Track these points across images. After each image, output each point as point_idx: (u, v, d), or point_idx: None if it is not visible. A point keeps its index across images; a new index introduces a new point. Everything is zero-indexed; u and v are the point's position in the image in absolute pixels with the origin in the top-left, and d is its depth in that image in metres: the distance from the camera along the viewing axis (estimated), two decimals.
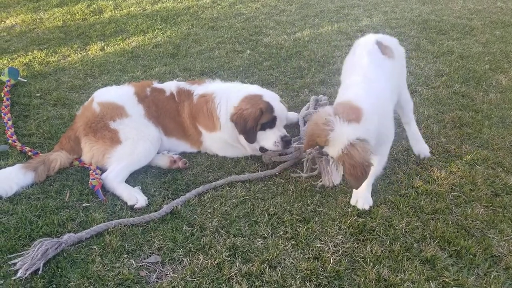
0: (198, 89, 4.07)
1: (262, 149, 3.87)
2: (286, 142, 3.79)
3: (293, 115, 4.47)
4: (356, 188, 3.19)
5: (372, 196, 3.36)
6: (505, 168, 3.79)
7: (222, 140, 3.99)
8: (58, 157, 3.72)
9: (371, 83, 3.22)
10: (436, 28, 7.03)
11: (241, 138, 3.90)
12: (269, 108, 3.78)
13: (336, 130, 2.91)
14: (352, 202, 3.35)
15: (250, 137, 3.81)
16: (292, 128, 4.36)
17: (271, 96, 3.92)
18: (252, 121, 3.74)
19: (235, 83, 4.25)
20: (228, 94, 3.95)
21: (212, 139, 4.02)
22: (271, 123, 3.80)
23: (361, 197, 3.33)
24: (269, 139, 3.81)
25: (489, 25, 7.17)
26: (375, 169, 3.26)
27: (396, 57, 3.57)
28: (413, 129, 3.89)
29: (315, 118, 3.08)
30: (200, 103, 3.98)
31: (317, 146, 3.14)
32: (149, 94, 4.06)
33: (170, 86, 4.15)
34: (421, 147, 3.88)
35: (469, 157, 3.90)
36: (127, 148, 3.71)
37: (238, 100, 3.87)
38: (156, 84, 4.19)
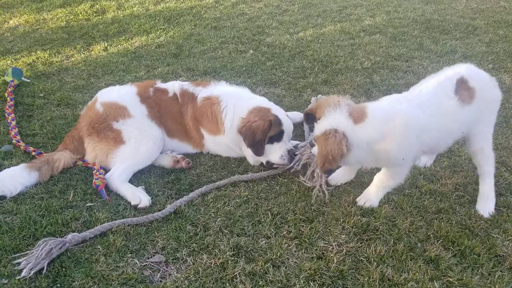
0: (203, 91, 4.04)
1: (268, 163, 3.83)
2: (292, 156, 3.75)
3: (297, 115, 4.47)
4: (320, 171, 3.30)
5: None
6: (509, 168, 3.78)
7: (224, 144, 3.98)
8: (62, 157, 3.73)
9: (400, 104, 3.10)
10: (439, 27, 7.02)
11: (245, 148, 3.87)
12: (278, 121, 3.76)
13: (334, 112, 3.01)
14: (358, 201, 3.38)
15: (258, 150, 3.76)
16: (296, 127, 4.36)
17: (278, 110, 3.92)
18: (260, 134, 3.70)
19: (242, 88, 4.18)
20: (236, 100, 3.92)
21: (215, 142, 4.01)
22: (278, 136, 3.77)
23: (365, 198, 3.34)
24: (276, 152, 3.77)
25: (492, 25, 7.15)
26: (386, 183, 3.30)
27: (476, 102, 3.11)
28: (486, 186, 3.34)
29: (331, 96, 3.22)
30: (204, 105, 3.96)
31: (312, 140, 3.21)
32: (152, 94, 4.05)
33: (174, 87, 4.12)
34: (485, 206, 3.31)
35: None
36: (131, 148, 3.72)
37: (246, 111, 3.83)
38: (159, 84, 4.18)
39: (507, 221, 3.20)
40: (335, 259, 2.85)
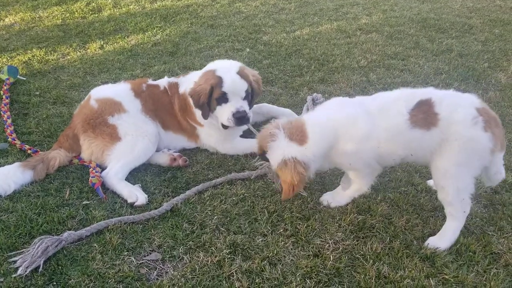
0: (181, 82, 4.11)
1: (224, 126, 3.89)
2: (237, 118, 3.76)
3: (288, 113, 4.44)
4: (283, 200, 3.28)
5: (371, 193, 3.35)
6: (504, 166, 3.78)
7: (211, 133, 4.03)
8: (57, 155, 3.72)
9: (341, 111, 3.06)
10: (435, 26, 7.03)
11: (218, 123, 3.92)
12: (219, 83, 3.75)
13: (275, 144, 3.01)
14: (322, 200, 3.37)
15: (204, 113, 3.84)
16: None
17: (226, 69, 3.86)
18: (204, 97, 3.75)
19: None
20: (192, 82, 3.94)
21: (205, 133, 4.06)
22: (222, 98, 3.78)
23: (330, 196, 3.37)
24: (223, 114, 3.82)
25: (488, 24, 7.17)
26: (352, 188, 3.28)
27: (436, 132, 2.81)
28: (446, 224, 3.02)
29: (265, 129, 3.15)
30: (184, 100, 4.04)
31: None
32: (145, 89, 4.10)
33: (163, 82, 4.21)
34: (435, 240, 3.00)
35: None
36: (127, 145, 3.72)
37: (198, 76, 3.91)
38: (151, 81, 4.25)
39: (503, 219, 3.22)
40: (331, 256, 2.86)
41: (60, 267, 2.79)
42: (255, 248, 2.94)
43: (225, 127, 3.89)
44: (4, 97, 4.72)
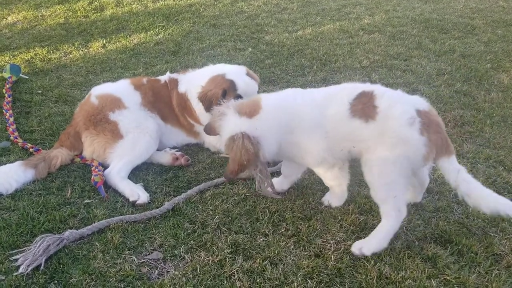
0: (181, 79, 4.12)
1: None
2: None
3: None
4: (226, 179, 3.19)
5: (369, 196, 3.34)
6: (506, 167, 3.78)
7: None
8: (59, 154, 3.72)
9: (294, 99, 3.02)
10: (438, 26, 7.02)
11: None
12: (233, 86, 3.77)
13: (224, 120, 2.95)
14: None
15: None
16: None
17: (235, 73, 3.86)
18: (216, 102, 3.70)
19: (204, 68, 4.17)
20: (196, 85, 3.93)
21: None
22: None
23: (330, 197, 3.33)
24: None
25: (491, 24, 7.16)
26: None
27: (372, 126, 2.76)
28: (379, 225, 2.93)
29: (215, 109, 3.12)
30: (183, 99, 4.05)
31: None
32: (146, 82, 4.13)
33: (164, 77, 4.24)
34: (362, 243, 2.92)
35: (471, 155, 3.90)
36: (128, 143, 3.72)
37: (205, 80, 3.88)
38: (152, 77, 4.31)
39: (505, 220, 3.21)
40: (333, 257, 2.85)
41: (61, 266, 2.79)
42: (256, 248, 2.94)
43: None
44: (6, 95, 4.73)
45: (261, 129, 2.88)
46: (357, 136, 2.82)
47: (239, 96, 3.74)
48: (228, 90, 3.76)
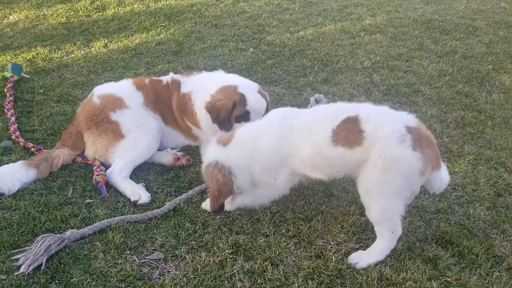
0: (184, 82, 4.07)
1: None
2: None
3: None
4: (211, 211, 3.14)
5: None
6: (508, 169, 3.78)
7: (206, 136, 3.97)
8: (61, 154, 3.73)
9: (272, 125, 3.02)
10: (440, 28, 7.02)
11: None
12: (243, 101, 3.69)
13: (206, 149, 3.13)
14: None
15: (224, 128, 3.70)
16: None
17: (247, 87, 3.79)
18: (224, 113, 3.67)
19: (214, 73, 4.13)
20: (203, 88, 3.90)
21: (201, 135, 4.04)
22: (244, 116, 3.71)
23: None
24: None
25: (492, 26, 7.16)
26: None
27: (359, 151, 2.70)
28: (375, 242, 2.88)
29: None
30: (182, 99, 4.01)
31: None
32: (148, 83, 4.11)
33: (167, 77, 4.21)
34: (357, 255, 2.88)
35: (472, 157, 3.90)
36: (130, 142, 3.72)
37: (215, 89, 3.80)
38: (154, 78, 4.28)
39: (506, 222, 3.21)
40: (333, 258, 2.85)
41: (62, 266, 2.79)
42: (257, 249, 2.94)
43: None
44: (8, 94, 4.73)
45: (231, 158, 2.99)
46: (341, 163, 2.78)
47: (247, 112, 3.70)
48: (238, 103, 3.67)
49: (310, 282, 2.70)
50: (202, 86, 3.93)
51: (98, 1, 8.25)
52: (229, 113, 3.68)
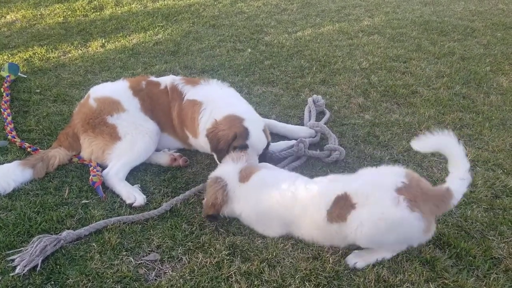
0: (190, 92, 3.90)
1: None
2: None
3: (305, 131, 4.25)
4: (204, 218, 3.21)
5: None
6: (505, 170, 3.78)
7: (201, 147, 3.90)
8: (57, 154, 3.71)
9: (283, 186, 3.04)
10: (438, 29, 7.02)
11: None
12: (245, 134, 3.54)
13: (230, 163, 3.26)
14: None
15: (220, 157, 3.59)
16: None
17: (254, 122, 3.64)
18: (223, 143, 3.53)
19: (230, 92, 3.98)
20: (216, 106, 3.73)
21: (196, 144, 3.95)
22: (242, 149, 3.53)
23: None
24: None
25: (490, 27, 7.16)
26: None
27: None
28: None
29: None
30: (187, 106, 3.85)
31: None
32: (144, 87, 4.01)
33: (166, 81, 4.05)
34: (355, 256, 2.89)
35: (469, 158, 3.89)
36: (127, 144, 3.70)
37: (221, 116, 3.64)
38: (152, 78, 4.14)
39: (503, 224, 3.21)
40: (330, 259, 2.85)
41: (58, 267, 2.78)
42: (254, 250, 2.93)
43: None
44: (4, 94, 4.72)
45: (238, 194, 3.07)
46: (337, 235, 2.81)
47: (245, 146, 3.55)
48: (239, 136, 3.53)
49: (307, 283, 2.69)
50: (215, 105, 3.74)
51: (96, 0, 8.24)
52: (228, 145, 3.54)
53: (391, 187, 2.63)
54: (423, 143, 2.84)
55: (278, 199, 2.94)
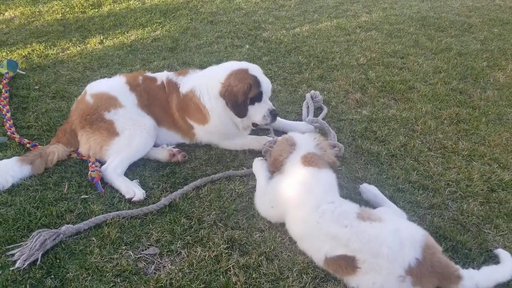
0: (183, 82, 4.05)
1: (254, 125, 3.96)
2: (274, 115, 3.87)
3: (302, 126, 4.29)
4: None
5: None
6: (501, 164, 3.81)
7: (216, 131, 3.99)
8: (56, 150, 3.72)
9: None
10: (435, 25, 7.04)
11: (234, 117, 3.91)
12: (257, 82, 3.81)
13: (309, 137, 3.30)
14: None
15: (241, 112, 3.84)
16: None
17: (256, 70, 3.93)
18: (242, 96, 3.76)
19: (209, 68, 4.19)
20: (206, 82, 3.94)
21: (207, 131, 4.02)
22: (258, 97, 3.84)
23: None
24: (258, 113, 3.86)
25: (487, 23, 7.18)
26: None
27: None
28: None
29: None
30: (185, 99, 3.98)
31: None
32: (141, 82, 4.06)
33: (162, 76, 4.15)
34: None
35: (466, 153, 3.93)
36: (125, 140, 3.72)
37: (223, 77, 3.85)
38: (149, 73, 4.22)
39: (499, 217, 3.24)
40: None
41: (58, 261, 2.81)
42: (252, 244, 2.96)
43: (255, 125, 3.96)
44: (3, 91, 4.72)
45: (290, 165, 3.11)
46: None
47: (260, 93, 3.81)
48: (253, 85, 3.79)
49: (304, 276, 2.72)
50: (205, 81, 3.95)
51: None
52: (247, 96, 3.77)
53: (402, 265, 2.48)
54: None
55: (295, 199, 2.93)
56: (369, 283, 2.53)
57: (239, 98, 3.76)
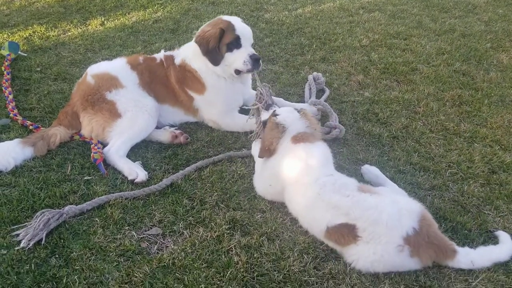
0: (177, 53, 4.14)
1: (237, 71, 3.95)
2: (255, 60, 3.86)
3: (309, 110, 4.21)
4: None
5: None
6: (502, 146, 3.81)
7: (214, 99, 4.02)
8: (58, 132, 3.74)
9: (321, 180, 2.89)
10: (439, 5, 6.97)
11: (215, 69, 3.94)
12: (231, 27, 3.83)
13: (300, 117, 3.23)
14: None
15: (214, 59, 3.88)
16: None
17: (232, 18, 3.98)
18: (213, 41, 3.80)
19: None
20: (191, 49, 4.02)
21: (207, 100, 4.04)
22: (235, 42, 3.85)
23: None
24: (238, 59, 3.87)
25: (492, 3, 7.11)
26: None
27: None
28: None
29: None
30: (182, 70, 4.05)
31: None
32: (142, 62, 4.10)
33: (160, 55, 4.22)
34: None
35: (468, 135, 3.93)
36: (127, 121, 3.73)
37: (205, 25, 3.99)
38: (148, 55, 4.30)
39: (499, 198, 3.25)
40: None
41: (62, 241, 2.84)
42: (254, 224, 2.99)
43: (237, 72, 3.96)
44: (5, 73, 4.73)
45: (283, 146, 3.09)
46: None
47: (237, 38, 3.83)
48: (226, 29, 3.83)
49: (305, 256, 2.75)
50: (191, 49, 4.03)
51: None
52: (218, 41, 3.82)
53: (400, 233, 2.54)
54: None
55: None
56: (369, 253, 2.58)
57: (211, 43, 3.81)
